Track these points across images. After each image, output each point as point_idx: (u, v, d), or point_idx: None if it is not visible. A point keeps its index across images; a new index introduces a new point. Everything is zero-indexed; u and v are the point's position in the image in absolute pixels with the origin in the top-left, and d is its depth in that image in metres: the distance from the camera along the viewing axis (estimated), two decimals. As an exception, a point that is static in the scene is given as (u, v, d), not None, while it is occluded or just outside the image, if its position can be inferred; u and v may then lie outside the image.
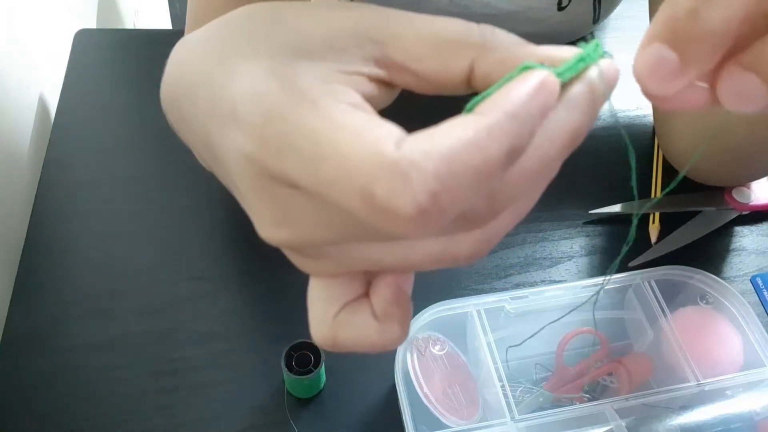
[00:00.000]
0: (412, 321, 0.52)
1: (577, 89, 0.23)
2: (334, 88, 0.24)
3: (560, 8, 0.68)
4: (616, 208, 0.65)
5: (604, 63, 0.24)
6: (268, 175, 0.23)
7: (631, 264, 0.61)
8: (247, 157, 0.24)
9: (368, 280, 0.27)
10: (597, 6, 0.70)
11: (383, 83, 0.26)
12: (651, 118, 0.72)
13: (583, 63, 0.24)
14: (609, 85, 0.24)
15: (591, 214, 0.65)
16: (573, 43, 0.76)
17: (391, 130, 0.22)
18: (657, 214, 0.64)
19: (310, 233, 0.24)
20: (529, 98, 0.21)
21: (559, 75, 0.23)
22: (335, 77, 0.24)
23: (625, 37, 0.80)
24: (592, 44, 0.24)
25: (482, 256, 0.25)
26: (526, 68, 0.23)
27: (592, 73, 0.23)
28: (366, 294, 0.27)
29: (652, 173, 0.68)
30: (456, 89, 0.26)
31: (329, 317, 0.27)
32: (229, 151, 0.25)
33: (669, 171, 0.67)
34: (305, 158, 0.22)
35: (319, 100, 0.23)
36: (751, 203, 0.64)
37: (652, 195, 0.66)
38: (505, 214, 0.24)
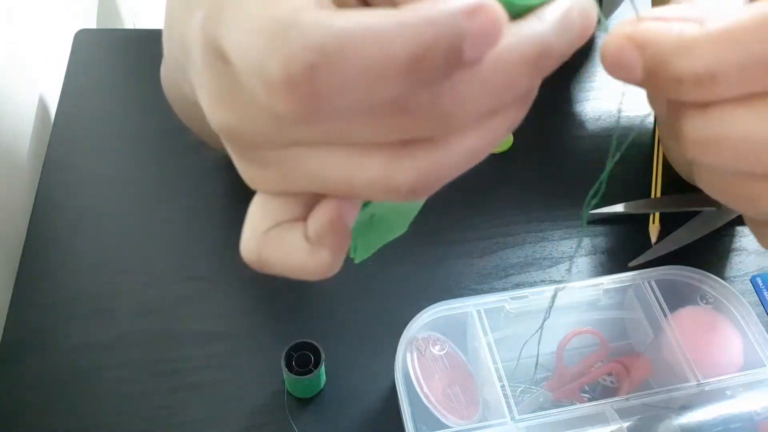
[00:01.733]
0: (412, 321, 0.52)
1: (551, 7, 0.22)
2: None
3: None
4: (616, 208, 0.65)
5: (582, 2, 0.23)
6: (213, 46, 0.22)
7: (631, 264, 0.61)
8: (199, 28, 0.23)
9: (311, 207, 0.25)
10: (598, 7, 0.70)
11: None
12: (651, 119, 0.72)
13: None
14: (584, 16, 0.23)
15: (591, 214, 0.65)
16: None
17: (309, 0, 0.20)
18: (657, 214, 0.64)
19: (246, 120, 0.23)
20: (457, 14, 0.19)
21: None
22: None
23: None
24: None
25: (426, 191, 0.22)
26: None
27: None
28: (305, 219, 0.25)
29: (653, 173, 0.68)
30: None
31: (260, 231, 0.25)
32: (192, 31, 0.24)
33: (669, 171, 0.67)
34: (230, 25, 0.21)
35: None
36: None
37: (652, 195, 0.66)
38: (457, 141, 0.22)
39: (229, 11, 0.21)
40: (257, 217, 0.26)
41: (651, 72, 0.24)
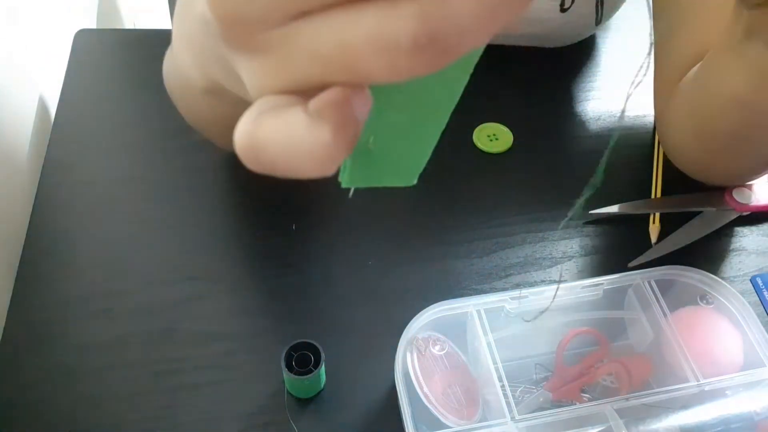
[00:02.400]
0: (412, 321, 0.52)
1: None
2: None
3: (563, 10, 0.68)
4: (616, 208, 0.65)
5: None
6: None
7: (631, 264, 0.61)
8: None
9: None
10: (599, 8, 0.70)
11: None
12: (651, 118, 0.72)
13: None
14: None
15: (591, 214, 0.65)
16: (576, 45, 0.76)
17: None
18: (657, 214, 0.64)
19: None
20: None
21: None
22: None
23: (625, 38, 0.80)
24: None
25: (434, 45, 0.19)
26: None
27: None
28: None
29: (653, 173, 0.68)
30: None
31: (255, 113, 0.23)
32: None
33: (669, 171, 0.67)
34: None
35: None
36: (751, 204, 0.64)
37: (652, 195, 0.66)
38: None
39: None
40: (255, 106, 0.23)
41: None
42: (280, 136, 0.22)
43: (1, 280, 0.63)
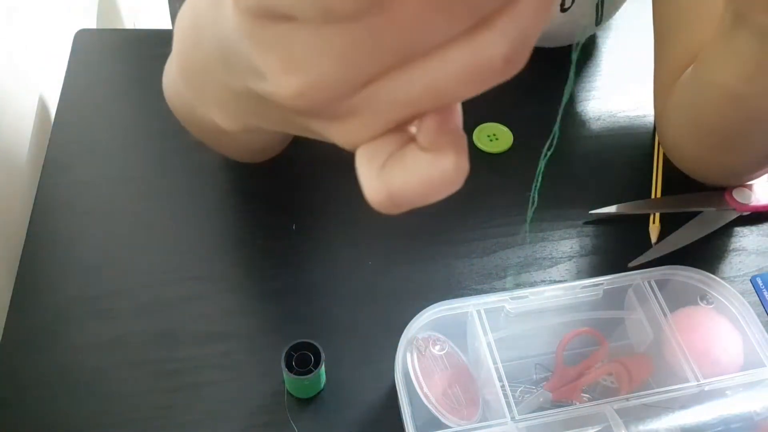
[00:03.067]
0: (412, 321, 0.52)
1: None
2: None
3: (563, 9, 0.68)
4: (615, 208, 0.65)
5: None
6: (262, 14, 0.22)
7: (631, 264, 0.61)
8: (239, 11, 0.22)
9: (412, 136, 0.24)
10: (600, 8, 0.70)
11: None
12: (651, 118, 0.72)
13: None
14: None
15: (591, 214, 0.65)
16: (582, 44, 0.76)
17: None
18: (657, 214, 0.64)
19: (323, 71, 0.22)
20: None
21: None
22: None
23: (626, 38, 0.80)
24: None
25: (522, 54, 0.21)
26: None
27: None
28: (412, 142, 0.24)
29: (653, 173, 0.68)
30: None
31: (376, 169, 0.24)
32: (228, 22, 0.23)
33: (669, 171, 0.67)
34: None
35: None
36: (751, 204, 0.64)
37: (652, 195, 0.66)
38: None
39: None
40: (367, 161, 0.24)
41: None
42: (413, 184, 0.23)
43: (1, 280, 0.63)
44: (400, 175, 0.23)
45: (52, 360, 0.56)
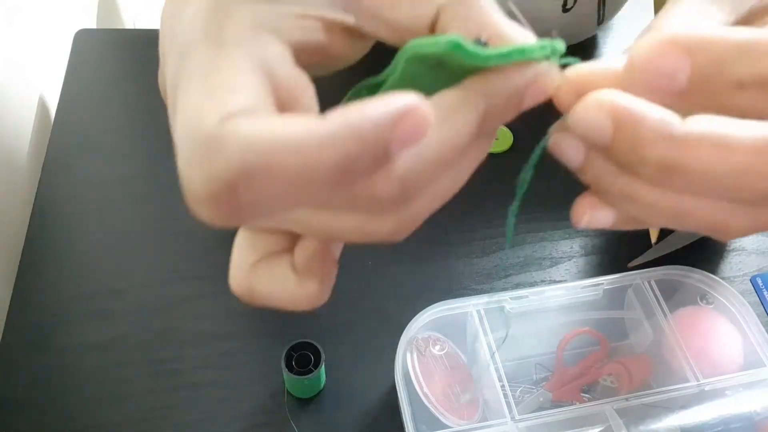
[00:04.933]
0: (412, 321, 0.52)
1: (495, 76, 0.23)
2: (260, 38, 0.22)
3: (565, 10, 0.68)
4: None
5: (542, 68, 0.23)
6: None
7: (631, 264, 0.61)
8: (165, 93, 0.24)
9: (296, 237, 0.25)
10: (601, 8, 0.70)
11: (349, 32, 0.25)
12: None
13: (521, 56, 0.23)
14: (533, 91, 0.23)
15: None
16: (578, 45, 0.76)
17: (238, 101, 0.20)
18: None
19: None
20: (384, 126, 0.19)
21: (489, 58, 0.22)
22: (278, 24, 0.23)
23: (624, 40, 0.80)
24: (549, 45, 0.23)
25: (405, 233, 0.23)
26: (456, 44, 0.22)
27: (528, 72, 0.23)
28: (291, 249, 0.25)
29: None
30: (419, 36, 0.24)
31: (247, 264, 0.25)
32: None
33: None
34: (176, 112, 0.22)
35: (224, 49, 0.22)
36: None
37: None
38: (424, 196, 0.23)
39: (178, 91, 0.22)
40: (243, 251, 0.26)
41: (703, 78, 0.23)
42: (274, 294, 0.25)
43: (1, 280, 0.63)
44: (266, 284, 0.25)
45: (52, 360, 0.56)
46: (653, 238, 0.63)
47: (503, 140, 0.69)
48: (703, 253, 0.63)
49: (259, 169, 0.19)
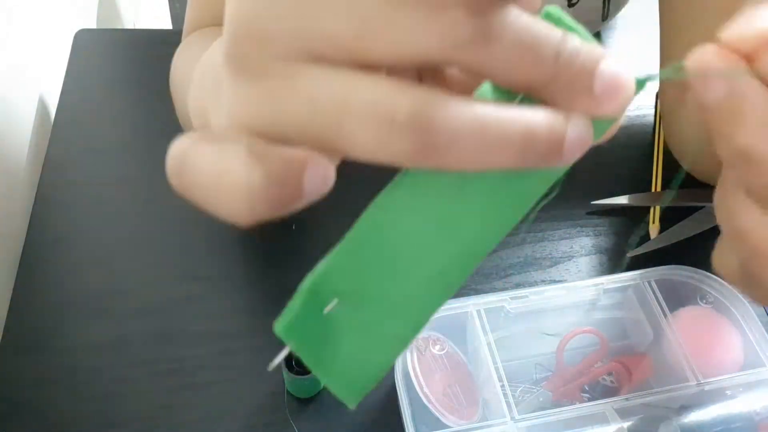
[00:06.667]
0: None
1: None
2: None
3: (570, 5, 0.68)
4: (618, 199, 0.65)
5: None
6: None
7: (630, 254, 0.61)
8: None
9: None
10: (606, 3, 0.70)
11: None
12: (651, 119, 0.72)
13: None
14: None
15: (593, 204, 0.65)
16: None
17: None
18: (657, 214, 0.64)
19: (276, 9, 0.20)
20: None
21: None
22: None
23: (628, 37, 0.80)
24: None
25: (422, 126, 0.19)
26: (548, 15, 0.21)
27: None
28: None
29: (653, 169, 0.68)
30: None
31: (197, 133, 0.21)
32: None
33: (669, 168, 0.67)
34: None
35: None
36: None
37: (653, 190, 0.66)
38: (468, 104, 0.19)
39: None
40: (218, 111, 0.22)
41: None
42: (209, 159, 0.20)
43: (1, 280, 0.63)
44: (208, 147, 0.21)
45: (52, 360, 0.56)
46: (653, 234, 0.63)
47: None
48: (703, 253, 0.63)
49: None
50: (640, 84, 0.21)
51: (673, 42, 0.62)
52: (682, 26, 0.61)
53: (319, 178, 0.20)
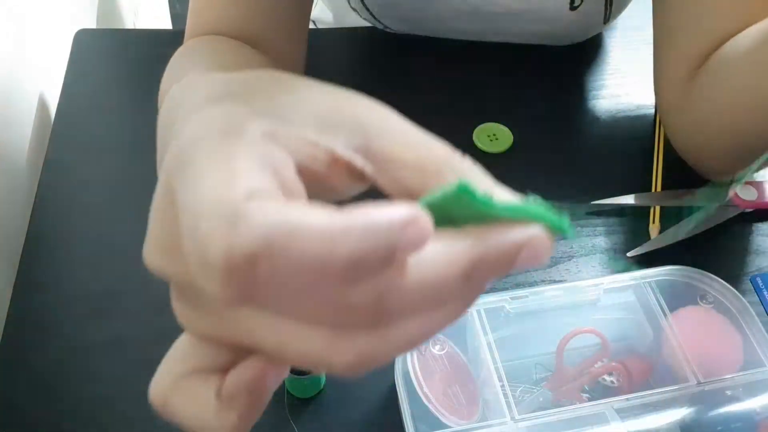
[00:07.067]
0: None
1: (495, 229, 0.22)
2: (269, 145, 0.23)
3: (572, 8, 0.68)
4: (617, 199, 0.65)
5: (532, 232, 0.22)
6: (170, 194, 0.23)
7: (630, 254, 0.61)
8: (164, 168, 0.23)
9: (234, 359, 0.24)
10: (608, 6, 0.70)
11: (353, 172, 0.25)
12: (651, 118, 0.72)
13: (527, 214, 0.22)
14: (528, 254, 0.22)
15: (592, 204, 0.65)
16: (584, 43, 0.76)
17: (260, 184, 0.21)
18: (657, 214, 0.64)
19: (184, 276, 0.24)
20: (396, 226, 0.20)
21: (495, 207, 0.22)
22: (287, 142, 0.23)
23: (627, 37, 0.80)
24: (554, 215, 0.23)
25: (362, 370, 0.22)
26: (465, 188, 0.22)
27: (518, 233, 0.22)
28: (224, 371, 0.24)
29: (653, 168, 0.68)
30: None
31: (174, 375, 0.25)
32: (163, 161, 0.24)
33: (669, 166, 0.67)
34: (187, 187, 0.21)
35: (239, 143, 0.22)
36: (755, 201, 0.64)
37: (653, 189, 0.66)
38: (396, 328, 0.22)
39: (188, 172, 0.22)
40: (176, 357, 0.26)
41: None
42: (188, 415, 0.24)
43: (1, 279, 0.63)
44: (183, 402, 0.24)
45: (52, 360, 0.56)
46: (653, 234, 0.63)
47: (503, 140, 0.69)
48: (703, 253, 0.63)
49: (281, 247, 0.19)
50: (561, 229, 0.23)
51: (671, 36, 0.62)
52: (682, 21, 0.61)
53: (278, 378, 0.24)
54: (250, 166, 0.21)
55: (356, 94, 0.26)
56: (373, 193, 0.24)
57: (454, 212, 0.23)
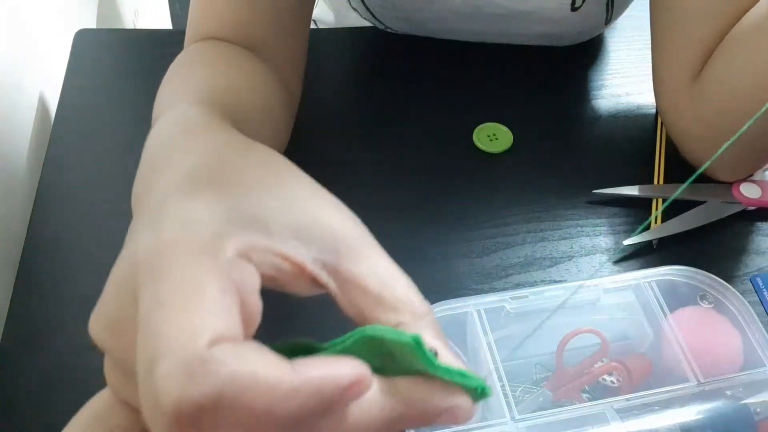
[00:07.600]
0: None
1: (426, 386, 0.24)
2: (243, 267, 0.24)
3: (574, 9, 0.68)
4: (620, 189, 0.65)
5: (464, 400, 0.24)
6: (134, 285, 0.24)
7: (627, 242, 0.61)
8: (124, 261, 0.25)
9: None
10: (610, 7, 0.70)
11: (317, 283, 0.26)
12: (652, 119, 0.72)
13: (461, 379, 0.24)
14: (447, 416, 0.24)
15: (594, 194, 0.65)
16: (582, 44, 0.76)
17: (229, 329, 0.22)
18: (659, 217, 0.64)
19: (124, 363, 0.25)
20: (342, 389, 0.22)
21: (436, 367, 0.24)
22: (262, 258, 0.25)
23: (626, 36, 0.80)
24: (483, 383, 0.25)
25: None
26: (417, 341, 0.24)
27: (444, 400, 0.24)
28: None
29: (655, 162, 0.68)
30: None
31: (81, 429, 0.26)
32: (127, 246, 0.26)
33: (670, 164, 0.67)
34: (153, 300, 0.23)
35: (211, 270, 0.23)
36: (758, 199, 0.64)
37: (655, 183, 0.66)
38: None
39: (159, 289, 0.23)
40: (91, 414, 0.28)
41: None
42: None
43: (1, 280, 0.63)
44: None
45: (52, 360, 0.56)
46: (652, 227, 0.63)
47: (503, 140, 0.69)
48: (703, 252, 0.63)
49: (230, 401, 0.20)
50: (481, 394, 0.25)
51: (664, 41, 0.62)
52: (671, 24, 0.61)
53: None
54: (217, 304, 0.22)
55: (338, 202, 0.27)
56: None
57: (396, 352, 0.24)
